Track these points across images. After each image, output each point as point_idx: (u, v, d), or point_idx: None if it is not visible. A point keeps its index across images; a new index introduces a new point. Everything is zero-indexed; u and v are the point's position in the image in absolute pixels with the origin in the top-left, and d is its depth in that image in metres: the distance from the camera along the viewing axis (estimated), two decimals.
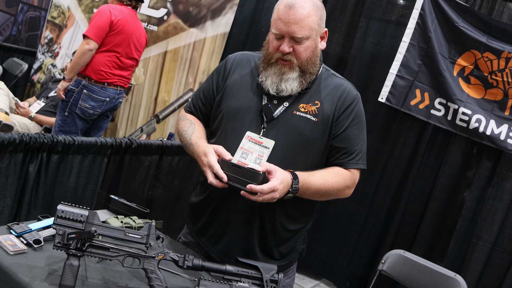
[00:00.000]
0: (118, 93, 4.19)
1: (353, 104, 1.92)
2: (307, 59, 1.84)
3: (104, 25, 3.95)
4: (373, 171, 3.90)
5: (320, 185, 1.83)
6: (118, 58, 4.08)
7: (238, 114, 1.89)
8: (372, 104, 3.92)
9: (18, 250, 1.59)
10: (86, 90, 4.01)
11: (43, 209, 2.66)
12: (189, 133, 1.96)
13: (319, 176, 1.84)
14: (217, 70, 2.04)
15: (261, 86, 1.88)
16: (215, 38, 4.48)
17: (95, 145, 2.81)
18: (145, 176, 3.18)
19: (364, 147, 1.95)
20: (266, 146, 1.83)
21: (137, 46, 4.23)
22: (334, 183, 1.86)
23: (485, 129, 3.47)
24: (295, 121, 1.86)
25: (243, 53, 2.05)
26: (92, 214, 1.51)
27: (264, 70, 1.88)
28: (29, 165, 2.56)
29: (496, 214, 3.51)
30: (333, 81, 1.94)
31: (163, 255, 1.56)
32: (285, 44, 1.80)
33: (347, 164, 1.91)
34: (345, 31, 4.17)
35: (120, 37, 4.04)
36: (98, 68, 4.00)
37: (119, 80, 4.15)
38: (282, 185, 1.69)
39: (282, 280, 1.67)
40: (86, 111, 4.06)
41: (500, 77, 3.45)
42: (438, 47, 3.63)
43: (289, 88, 1.84)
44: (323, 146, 1.89)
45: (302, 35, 1.79)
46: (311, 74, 1.87)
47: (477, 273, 3.55)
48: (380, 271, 2.70)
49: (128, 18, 4.09)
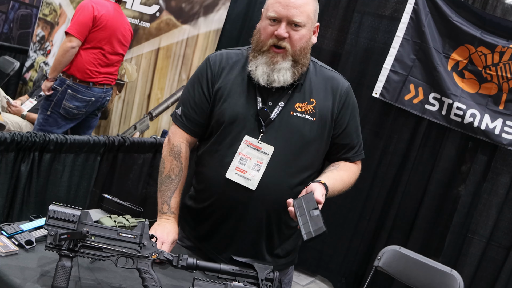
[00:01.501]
0: (105, 92, 4.07)
1: (348, 97, 1.92)
2: (301, 48, 1.80)
3: (87, 21, 3.81)
4: (367, 167, 3.88)
5: (341, 190, 1.86)
6: (104, 55, 3.96)
7: (235, 120, 1.82)
8: (366, 99, 3.91)
9: (10, 251, 1.57)
10: (70, 90, 3.88)
11: (36, 208, 2.64)
12: (171, 188, 1.86)
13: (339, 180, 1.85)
14: (200, 75, 1.90)
15: (254, 88, 1.83)
16: (208, 35, 4.46)
17: (88, 144, 2.79)
18: (139, 174, 3.17)
19: (361, 135, 1.99)
20: (265, 152, 1.80)
21: (123, 41, 4.11)
22: (350, 180, 1.91)
23: (480, 124, 3.47)
24: (293, 122, 1.82)
25: (226, 51, 1.95)
26: (84, 214, 1.49)
27: (254, 58, 1.82)
28: (21, 164, 2.54)
29: (492, 209, 3.51)
30: (324, 75, 1.91)
31: (157, 254, 1.54)
32: (283, 28, 1.75)
33: (352, 158, 1.95)
34: (339, 26, 4.15)
35: (104, 32, 3.91)
36: (83, 67, 3.88)
37: (105, 78, 4.03)
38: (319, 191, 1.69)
39: (278, 278, 1.65)
40: (70, 111, 3.93)
41: (494, 72, 3.45)
42: (432, 42, 3.62)
43: (282, 78, 1.78)
44: (323, 144, 1.88)
45: (301, 20, 1.75)
46: (302, 66, 1.83)
47: (473, 267, 3.55)
48: (375, 267, 2.69)
49: (112, 13, 3.95)
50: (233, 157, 1.80)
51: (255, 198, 1.80)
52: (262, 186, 1.78)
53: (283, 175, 1.81)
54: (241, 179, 1.79)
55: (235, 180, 1.79)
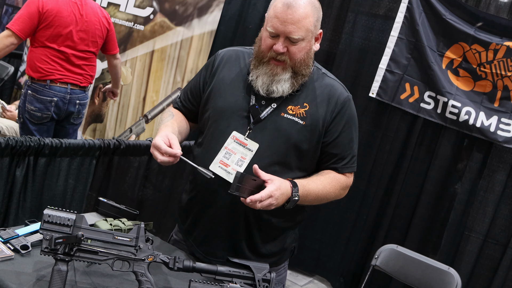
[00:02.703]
0: (70, 92, 3.70)
1: (345, 108, 1.89)
2: (300, 60, 1.80)
3: (30, 17, 3.49)
4: (364, 166, 3.89)
5: (319, 191, 1.83)
6: (60, 53, 3.62)
7: (225, 114, 1.86)
8: (361, 98, 3.90)
9: (5, 256, 1.56)
10: (30, 90, 3.63)
11: (32, 213, 2.63)
12: (164, 122, 1.93)
13: (317, 182, 1.83)
14: (206, 66, 2.00)
15: (250, 86, 1.85)
16: (202, 36, 4.46)
17: (83, 147, 2.77)
18: (135, 177, 3.16)
19: (356, 149, 1.95)
20: (250, 149, 1.81)
21: (87, 37, 3.73)
22: (332, 188, 1.87)
23: (475, 121, 3.47)
24: (282, 123, 1.83)
25: (234, 49, 2.01)
26: (80, 217, 1.49)
27: (255, 68, 1.84)
28: (16, 169, 2.52)
29: (488, 206, 3.52)
30: (324, 82, 1.91)
31: (153, 257, 1.54)
32: (280, 44, 1.76)
33: (341, 169, 1.91)
34: (333, 26, 4.15)
35: (51, 30, 3.56)
36: (34, 65, 3.59)
37: (67, 77, 3.67)
38: (280, 191, 1.68)
39: (274, 279, 1.65)
40: (34, 115, 3.65)
41: (489, 69, 3.45)
42: (426, 40, 3.62)
43: (280, 89, 1.80)
44: (312, 149, 1.87)
45: (299, 36, 1.75)
46: (303, 76, 1.84)
47: (470, 265, 3.55)
48: (373, 266, 2.70)
49: (64, 7, 3.59)
50: (219, 151, 1.83)
51: None
52: None
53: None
54: (223, 173, 1.81)
55: (217, 173, 1.81)
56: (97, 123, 5.13)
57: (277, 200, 1.68)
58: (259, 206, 1.65)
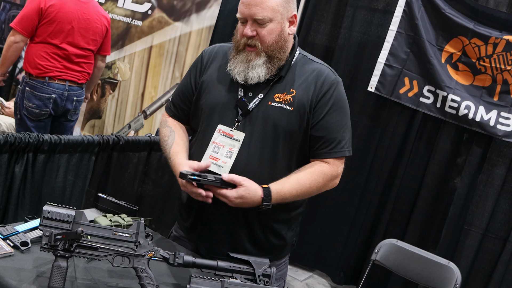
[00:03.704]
0: (68, 90, 3.73)
1: (332, 90, 1.86)
2: (272, 43, 1.81)
3: (31, 14, 3.51)
4: (363, 161, 3.89)
5: (298, 190, 1.81)
6: (60, 49, 3.63)
7: (215, 110, 1.88)
8: (360, 93, 3.89)
9: (5, 253, 1.56)
10: (28, 87, 3.63)
11: (31, 209, 2.62)
12: (168, 144, 1.95)
13: (294, 182, 1.81)
14: (194, 66, 2.01)
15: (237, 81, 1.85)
16: (201, 32, 4.44)
17: (82, 143, 2.77)
18: (134, 173, 3.15)
19: (346, 133, 1.90)
20: (236, 139, 1.82)
21: (88, 34, 3.75)
22: (313, 182, 1.84)
23: (475, 116, 3.47)
24: (269, 112, 1.83)
25: (220, 45, 2.03)
26: (79, 214, 1.49)
27: (233, 58, 1.86)
28: (15, 165, 2.52)
29: (488, 200, 3.51)
30: (310, 67, 1.91)
31: (153, 253, 1.54)
32: (248, 27, 1.78)
33: (328, 154, 1.86)
34: (332, 20, 4.14)
35: (53, 26, 3.57)
36: (33, 61, 3.60)
37: (65, 73, 3.68)
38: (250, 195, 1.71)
39: (274, 274, 1.65)
40: (32, 111, 3.65)
41: (488, 63, 3.45)
42: (425, 35, 3.61)
43: (256, 75, 1.81)
44: (302, 135, 1.86)
45: (263, 16, 1.76)
46: (278, 60, 1.84)
47: (470, 259, 3.55)
48: (373, 261, 2.70)
49: (67, 3, 3.61)
50: (207, 146, 1.84)
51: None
52: (235, 172, 1.78)
53: (255, 163, 1.82)
54: (214, 167, 1.82)
55: (209, 168, 1.81)
56: (95, 119, 5.12)
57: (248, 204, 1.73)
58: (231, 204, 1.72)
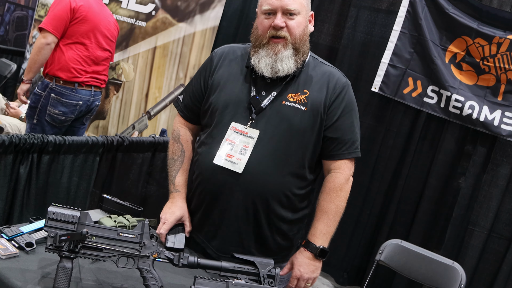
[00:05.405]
0: (93, 95, 3.68)
1: (344, 92, 1.90)
2: (300, 35, 1.84)
3: (63, 14, 3.40)
4: (367, 161, 3.89)
5: (331, 221, 2.06)
6: (89, 51, 3.58)
7: (227, 108, 1.88)
8: (364, 93, 3.90)
9: (10, 254, 1.56)
10: (54, 93, 3.48)
11: (36, 210, 2.63)
12: (176, 166, 2.00)
13: (323, 216, 2.01)
14: (204, 67, 2.02)
15: (250, 78, 1.88)
16: (205, 32, 4.45)
17: (86, 144, 2.78)
18: (138, 173, 3.16)
19: (358, 135, 1.94)
20: (251, 136, 1.82)
21: (108, 36, 3.72)
22: (336, 202, 1.95)
23: (479, 115, 3.46)
24: (284, 111, 1.84)
25: (230, 46, 2.04)
26: (84, 214, 1.49)
27: (256, 53, 1.85)
28: (19, 166, 2.53)
29: (492, 200, 3.50)
30: (321, 69, 1.93)
31: (158, 254, 1.54)
32: (279, 18, 1.80)
33: (343, 155, 1.90)
34: (335, 21, 4.14)
35: (85, 26, 3.51)
36: (66, 65, 3.48)
37: (92, 79, 3.63)
38: (302, 268, 1.93)
39: (278, 275, 1.65)
40: (56, 118, 3.54)
41: (492, 63, 3.44)
42: (429, 35, 3.61)
43: (286, 67, 1.82)
44: (315, 135, 1.87)
45: (295, 7, 1.80)
46: (303, 53, 1.87)
47: (474, 259, 3.54)
48: (377, 261, 2.69)
49: (93, 4, 3.57)
50: (221, 143, 1.84)
51: (242, 182, 1.82)
52: (249, 169, 1.80)
53: (269, 161, 1.83)
54: (228, 163, 1.82)
55: (222, 165, 1.82)
56: (99, 120, 5.13)
57: (309, 274, 1.97)
58: None
